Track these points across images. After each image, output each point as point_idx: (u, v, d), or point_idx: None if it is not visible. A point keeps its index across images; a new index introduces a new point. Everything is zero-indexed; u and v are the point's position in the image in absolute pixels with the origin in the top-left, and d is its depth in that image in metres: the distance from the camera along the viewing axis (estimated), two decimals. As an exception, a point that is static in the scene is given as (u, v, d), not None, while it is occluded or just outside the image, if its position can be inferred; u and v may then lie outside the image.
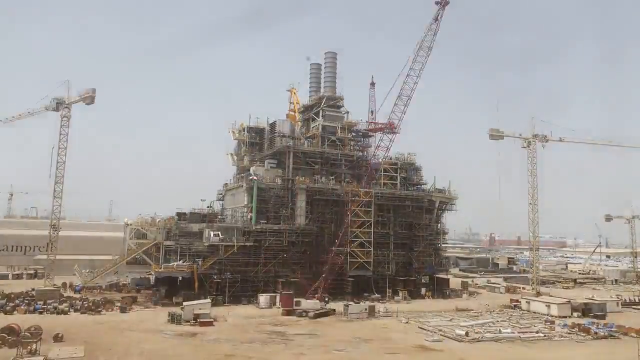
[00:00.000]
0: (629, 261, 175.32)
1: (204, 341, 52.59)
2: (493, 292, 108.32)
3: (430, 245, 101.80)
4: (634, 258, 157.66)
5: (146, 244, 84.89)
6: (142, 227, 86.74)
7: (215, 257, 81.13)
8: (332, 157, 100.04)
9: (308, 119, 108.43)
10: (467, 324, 64.00)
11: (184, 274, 78.76)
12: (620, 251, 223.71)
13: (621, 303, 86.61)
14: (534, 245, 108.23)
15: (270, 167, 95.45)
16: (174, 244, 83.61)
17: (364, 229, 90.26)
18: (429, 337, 56.92)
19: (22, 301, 71.26)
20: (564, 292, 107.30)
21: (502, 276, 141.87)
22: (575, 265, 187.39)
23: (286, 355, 47.91)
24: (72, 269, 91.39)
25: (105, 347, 48.28)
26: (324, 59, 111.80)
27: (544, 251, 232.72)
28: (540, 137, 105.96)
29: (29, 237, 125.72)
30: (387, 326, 64.07)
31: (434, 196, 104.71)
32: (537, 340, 57.25)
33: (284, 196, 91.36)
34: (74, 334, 52.34)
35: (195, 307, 64.77)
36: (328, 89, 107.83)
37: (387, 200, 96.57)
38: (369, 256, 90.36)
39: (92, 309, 68.24)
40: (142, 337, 53.21)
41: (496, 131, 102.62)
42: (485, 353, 50.98)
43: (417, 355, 49.43)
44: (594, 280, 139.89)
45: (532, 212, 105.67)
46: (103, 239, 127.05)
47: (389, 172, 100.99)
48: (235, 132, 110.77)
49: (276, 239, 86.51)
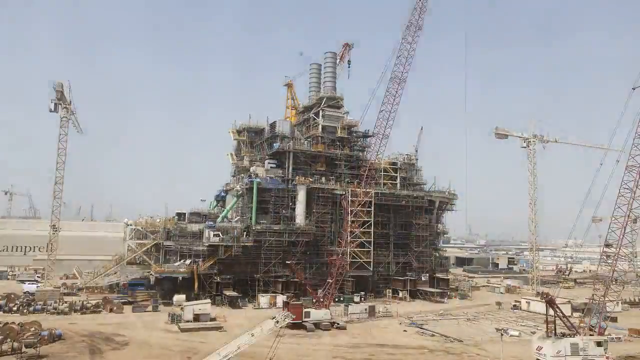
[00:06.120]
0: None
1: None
2: (493, 292, 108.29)
3: (430, 245, 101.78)
4: (634, 258, 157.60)
5: (146, 244, 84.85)
6: (142, 228, 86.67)
7: (215, 257, 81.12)
8: (332, 157, 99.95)
9: (308, 119, 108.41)
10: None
11: (184, 274, 78.77)
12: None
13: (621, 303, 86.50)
14: (534, 245, 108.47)
15: (270, 167, 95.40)
16: (174, 244, 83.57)
17: (364, 229, 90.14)
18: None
19: (22, 301, 71.25)
20: (564, 292, 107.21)
21: (502, 276, 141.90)
22: (575, 265, 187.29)
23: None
24: (72, 269, 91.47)
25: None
26: (323, 59, 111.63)
27: (544, 251, 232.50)
28: (540, 137, 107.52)
29: (29, 237, 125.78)
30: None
31: (434, 196, 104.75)
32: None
33: (284, 196, 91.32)
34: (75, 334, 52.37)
35: (195, 307, 64.68)
36: (328, 89, 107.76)
37: (387, 200, 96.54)
38: (369, 256, 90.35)
39: (92, 309, 68.25)
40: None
41: (502, 130, 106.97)
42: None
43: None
44: (596, 280, 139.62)
45: (532, 212, 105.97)
46: (103, 238, 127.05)
47: (389, 172, 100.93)
48: (235, 132, 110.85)
49: (276, 239, 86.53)
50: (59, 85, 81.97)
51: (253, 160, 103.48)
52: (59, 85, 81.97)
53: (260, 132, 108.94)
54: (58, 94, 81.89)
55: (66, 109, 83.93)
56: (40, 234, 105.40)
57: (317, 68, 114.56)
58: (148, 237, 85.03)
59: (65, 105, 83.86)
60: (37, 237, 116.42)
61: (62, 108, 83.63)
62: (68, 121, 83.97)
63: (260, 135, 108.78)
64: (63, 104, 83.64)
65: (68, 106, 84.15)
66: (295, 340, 53.90)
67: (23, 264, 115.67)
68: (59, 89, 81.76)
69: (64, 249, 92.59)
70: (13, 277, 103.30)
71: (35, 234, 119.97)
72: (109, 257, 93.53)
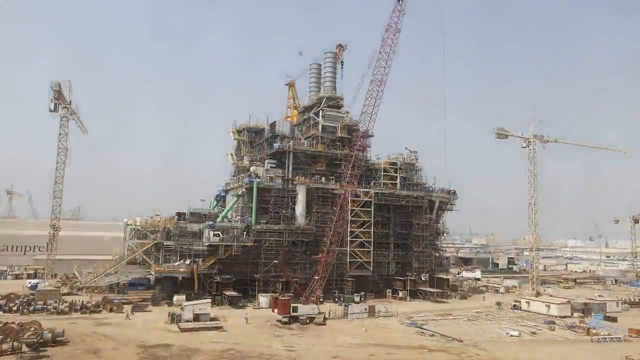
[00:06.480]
0: (628, 261, 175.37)
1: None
2: (492, 292, 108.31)
3: (430, 245, 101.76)
4: (634, 258, 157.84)
5: (146, 244, 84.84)
6: (142, 227, 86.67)
7: (215, 257, 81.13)
8: (332, 157, 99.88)
9: (308, 118, 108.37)
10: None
11: (184, 274, 78.80)
12: (620, 251, 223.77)
13: (621, 303, 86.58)
14: (534, 245, 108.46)
15: (270, 167, 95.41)
16: (174, 244, 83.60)
17: (364, 229, 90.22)
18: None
19: (22, 301, 71.19)
20: (565, 291, 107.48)
21: (502, 276, 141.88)
22: (575, 265, 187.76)
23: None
24: (71, 269, 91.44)
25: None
26: (323, 59, 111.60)
27: (544, 251, 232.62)
28: (540, 137, 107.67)
29: (29, 237, 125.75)
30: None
31: (434, 196, 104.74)
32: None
33: (284, 196, 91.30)
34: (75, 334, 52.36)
35: (195, 307, 64.65)
36: (328, 89, 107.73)
37: (387, 200, 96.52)
38: (369, 256, 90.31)
39: (92, 309, 68.23)
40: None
41: (502, 130, 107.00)
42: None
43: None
44: (595, 280, 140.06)
45: (532, 212, 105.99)
46: (103, 238, 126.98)
47: (389, 172, 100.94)
48: (235, 132, 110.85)
49: (276, 239, 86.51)
50: (56, 85, 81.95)
51: (253, 160, 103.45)
52: (56, 85, 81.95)
53: (260, 132, 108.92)
54: (55, 94, 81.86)
55: (66, 109, 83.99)
56: (40, 234, 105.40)
57: (317, 68, 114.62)
58: (148, 237, 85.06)
59: (65, 105, 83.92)
60: (37, 237, 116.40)
61: (62, 108, 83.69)
62: (68, 121, 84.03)
63: (260, 135, 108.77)
64: (63, 104, 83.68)
65: (68, 106, 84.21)
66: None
67: (23, 264, 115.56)
68: (56, 89, 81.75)
69: (64, 248, 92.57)
70: (16, 277, 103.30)
71: (35, 233, 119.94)
72: (109, 257, 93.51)
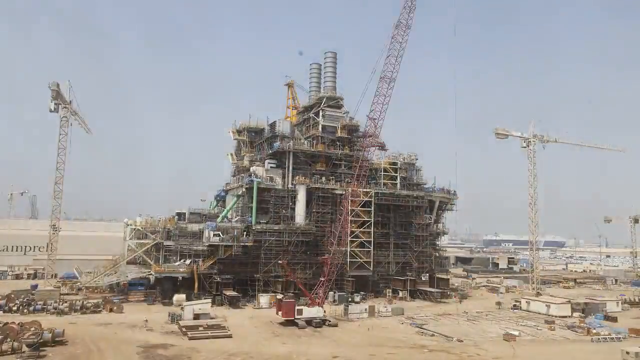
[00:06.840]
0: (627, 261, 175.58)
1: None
2: (493, 292, 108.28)
3: (430, 245, 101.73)
4: (634, 258, 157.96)
5: (146, 244, 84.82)
6: (142, 227, 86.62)
7: (215, 257, 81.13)
8: (332, 157, 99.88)
9: (308, 118, 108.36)
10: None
11: (184, 274, 78.78)
12: (620, 251, 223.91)
13: (621, 303, 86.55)
14: (534, 245, 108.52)
15: (270, 167, 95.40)
16: (174, 244, 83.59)
17: (364, 229, 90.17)
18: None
19: (22, 301, 71.16)
20: (565, 291, 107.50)
21: (502, 276, 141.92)
22: (575, 265, 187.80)
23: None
24: (72, 269, 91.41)
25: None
26: (324, 59, 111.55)
27: (544, 251, 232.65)
28: (540, 137, 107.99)
29: (29, 237, 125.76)
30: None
31: (434, 196, 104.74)
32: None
33: (284, 196, 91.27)
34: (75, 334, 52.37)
35: (195, 307, 64.67)
36: (328, 89, 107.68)
37: (387, 200, 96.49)
38: (369, 256, 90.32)
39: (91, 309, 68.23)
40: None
41: (502, 130, 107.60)
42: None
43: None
44: (596, 280, 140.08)
45: (532, 212, 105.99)
46: (103, 238, 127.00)
47: (389, 172, 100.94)
48: (235, 132, 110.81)
49: (276, 239, 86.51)
50: (54, 85, 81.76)
51: (253, 160, 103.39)
52: (54, 85, 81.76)
53: (260, 132, 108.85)
54: (54, 94, 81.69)
55: (66, 109, 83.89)
56: (40, 234, 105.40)
57: (317, 68, 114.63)
58: (148, 237, 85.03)
59: (65, 105, 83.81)
60: (37, 237, 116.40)
61: (62, 108, 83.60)
62: (68, 121, 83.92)
63: (260, 135, 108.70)
64: (62, 104, 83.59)
65: (67, 106, 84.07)
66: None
67: (23, 263, 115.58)
68: (54, 89, 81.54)
69: (64, 248, 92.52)
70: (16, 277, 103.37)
71: (35, 233, 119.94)
72: (109, 257, 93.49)
